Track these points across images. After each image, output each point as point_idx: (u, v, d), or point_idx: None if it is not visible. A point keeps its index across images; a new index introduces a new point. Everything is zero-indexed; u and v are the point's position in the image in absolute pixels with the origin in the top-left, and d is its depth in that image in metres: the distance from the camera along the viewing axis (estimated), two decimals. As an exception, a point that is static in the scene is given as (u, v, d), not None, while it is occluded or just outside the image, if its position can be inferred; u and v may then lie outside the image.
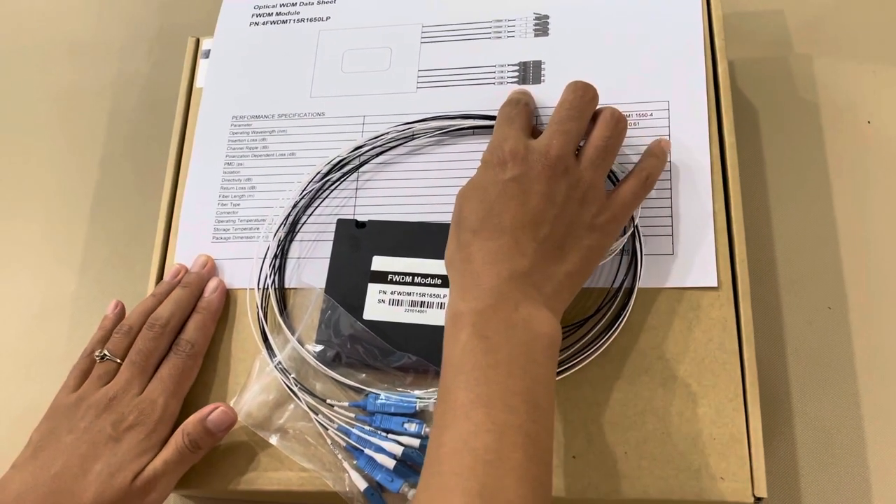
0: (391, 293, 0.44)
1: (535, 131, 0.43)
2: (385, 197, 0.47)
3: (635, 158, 0.45)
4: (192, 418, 0.42)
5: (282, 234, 0.47)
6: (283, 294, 0.46)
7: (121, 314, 0.46)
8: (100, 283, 0.56)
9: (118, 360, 0.43)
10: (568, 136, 0.40)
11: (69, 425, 0.41)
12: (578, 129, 0.41)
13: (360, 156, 0.48)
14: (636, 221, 0.43)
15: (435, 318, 0.43)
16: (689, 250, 0.43)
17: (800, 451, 0.43)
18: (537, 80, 0.48)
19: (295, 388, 0.43)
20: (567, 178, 0.39)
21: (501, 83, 0.49)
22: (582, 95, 0.41)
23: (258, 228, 0.48)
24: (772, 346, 0.46)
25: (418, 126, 0.48)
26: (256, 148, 0.50)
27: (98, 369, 0.43)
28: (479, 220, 0.38)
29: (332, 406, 0.42)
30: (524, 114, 0.43)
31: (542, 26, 0.50)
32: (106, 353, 0.43)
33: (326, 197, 0.48)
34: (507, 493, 0.31)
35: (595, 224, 0.39)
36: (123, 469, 0.40)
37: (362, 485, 0.40)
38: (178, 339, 0.44)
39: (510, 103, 0.44)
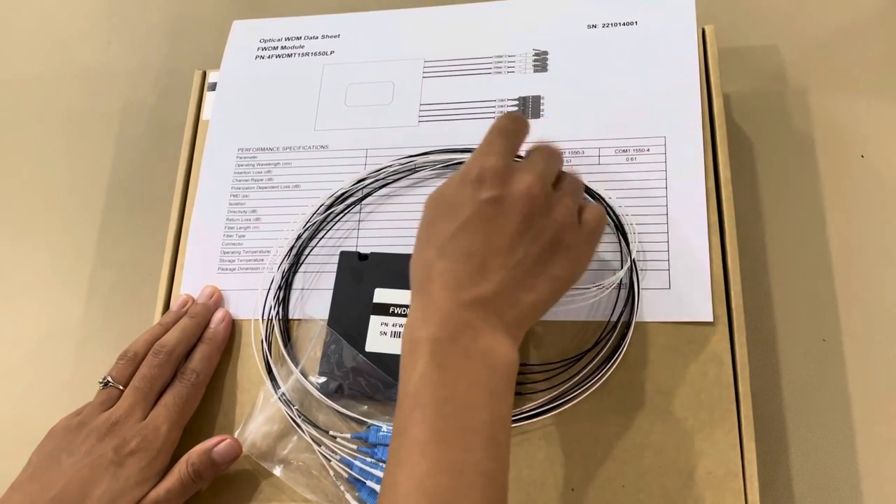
0: (392, 325, 0.45)
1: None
2: (387, 229, 0.48)
3: (634, 193, 0.46)
4: (198, 448, 0.42)
5: (286, 265, 0.48)
6: (287, 325, 0.47)
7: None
8: (106, 310, 0.57)
9: (121, 387, 0.43)
10: (549, 173, 0.38)
11: (70, 448, 0.41)
12: (557, 168, 0.40)
13: (362, 188, 0.49)
14: (633, 256, 0.44)
15: (436, 350, 0.44)
16: (685, 285, 0.43)
17: (795, 486, 0.44)
18: (536, 114, 0.49)
19: (298, 420, 0.43)
20: (544, 210, 0.37)
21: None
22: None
23: (263, 260, 0.49)
24: (767, 378, 0.46)
25: (420, 159, 0.49)
26: (262, 180, 0.51)
27: (100, 395, 0.44)
28: (446, 238, 0.36)
29: (334, 438, 0.43)
30: (518, 135, 0.40)
31: (541, 62, 0.51)
32: (109, 379, 0.44)
33: (330, 229, 0.49)
34: None
35: (568, 255, 0.37)
36: (125, 495, 0.40)
37: (364, 516, 0.41)
38: (184, 368, 0.45)
39: (510, 118, 0.40)
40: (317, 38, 0.55)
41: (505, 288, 0.36)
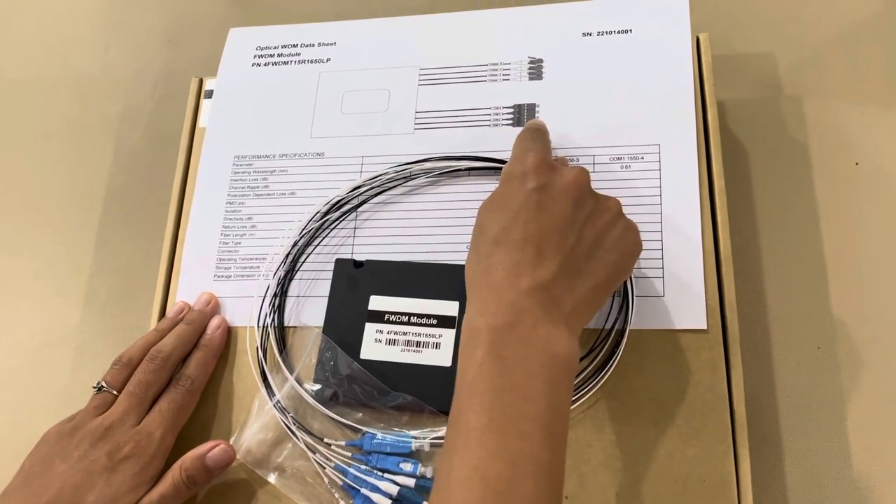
0: (388, 333, 0.45)
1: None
2: (383, 237, 0.48)
3: (628, 201, 0.46)
4: (192, 454, 0.42)
5: (281, 272, 0.48)
6: (282, 333, 0.47)
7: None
8: (102, 317, 0.57)
9: (115, 392, 0.43)
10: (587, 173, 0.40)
11: (63, 453, 0.41)
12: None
13: (358, 195, 0.49)
14: (628, 263, 0.44)
15: (430, 358, 0.44)
16: (678, 292, 0.44)
17: (790, 493, 0.44)
18: (532, 122, 0.49)
19: (293, 427, 0.43)
20: (593, 196, 0.39)
21: (496, 125, 0.50)
22: None
23: (258, 267, 0.49)
24: (761, 386, 0.47)
25: (415, 167, 0.49)
26: (258, 187, 0.51)
27: (94, 400, 0.43)
28: (501, 229, 0.37)
29: (329, 445, 0.43)
30: (545, 137, 0.43)
31: (536, 70, 0.51)
32: (103, 384, 0.44)
33: (325, 236, 0.49)
34: None
35: (623, 239, 0.39)
36: (118, 500, 0.39)
37: (358, 524, 0.41)
38: (179, 374, 0.45)
39: (532, 127, 0.43)
40: (313, 45, 0.55)
41: (562, 273, 0.36)
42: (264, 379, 0.45)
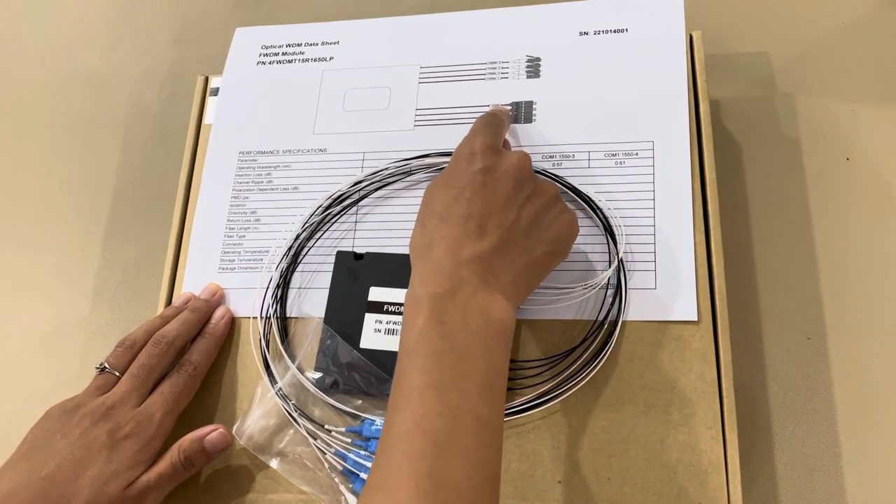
0: (387, 323, 0.46)
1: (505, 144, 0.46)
2: (383, 230, 0.49)
3: (622, 196, 0.47)
4: (190, 436, 0.43)
5: (284, 265, 0.49)
6: (284, 323, 0.48)
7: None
8: (111, 308, 0.59)
9: (117, 374, 0.44)
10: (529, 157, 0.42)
11: (64, 430, 0.41)
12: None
13: (359, 190, 0.51)
14: (621, 255, 0.45)
15: (428, 347, 0.45)
16: (670, 285, 0.45)
17: (779, 479, 0.45)
18: (528, 119, 0.51)
19: (295, 414, 0.45)
20: (533, 179, 0.41)
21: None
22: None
23: (262, 259, 0.50)
24: (753, 375, 0.48)
25: (415, 162, 0.50)
26: (262, 182, 0.53)
27: (96, 380, 0.44)
28: (445, 206, 0.39)
29: (329, 431, 0.44)
30: (500, 123, 0.45)
31: (533, 69, 0.52)
32: (106, 365, 0.45)
33: (327, 230, 0.50)
34: (456, 475, 0.32)
35: (559, 220, 0.41)
36: (117, 478, 0.40)
37: (357, 507, 0.42)
38: (182, 360, 0.46)
39: (490, 113, 0.46)
40: (316, 44, 0.57)
41: (501, 246, 0.38)
42: (267, 367, 0.47)
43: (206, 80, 0.57)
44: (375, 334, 0.46)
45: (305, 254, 0.49)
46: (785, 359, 0.48)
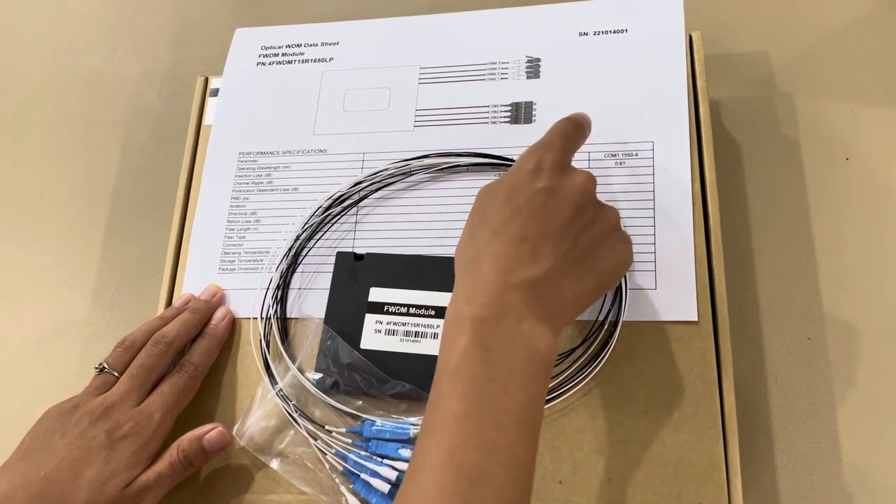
0: (387, 323, 0.46)
1: None
2: (383, 231, 0.49)
3: (622, 196, 0.47)
4: (189, 435, 0.43)
5: (284, 265, 0.49)
6: (284, 324, 0.48)
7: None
8: (111, 309, 0.59)
9: (116, 374, 0.44)
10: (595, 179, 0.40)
11: (63, 430, 0.41)
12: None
13: (359, 191, 0.51)
14: (621, 256, 0.45)
15: (429, 347, 0.45)
16: (670, 285, 0.45)
17: (780, 478, 0.45)
18: (528, 120, 0.51)
19: (295, 415, 0.45)
20: (595, 205, 0.39)
21: (494, 122, 0.51)
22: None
23: (262, 260, 0.50)
24: (753, 376, 0.48)
25: (415, 163, 0.50)
26: (262, 183, 0.53)
27: (95, 380, 0.44)
28: (501, 221, 0.37)
29: (330, 432, 0.44)
30: (578, 137, 0.42)
31: (533, 69, 0.52)
32: (105, 365, 0.45)
33: (327, 230, 0.50)
34: None
35: (615, 251, 0.39)
36: (115, 477, 0.40)
37: (358, 508, 0.42)
38: (182, 360, 0.46)
39: (571, 120, 0.42)
40: (316, 45, 0.57)
41: (553, 274, 0.36)
42: (267, 368, 0.47)
43: (206, 80, 0.57)
44: (376, 335, 0.46)
45: (305, 254, 0.49)
46: (785, 359, 0.48)
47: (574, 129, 0.41)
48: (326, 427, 0.44)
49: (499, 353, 0.34)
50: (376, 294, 0.47)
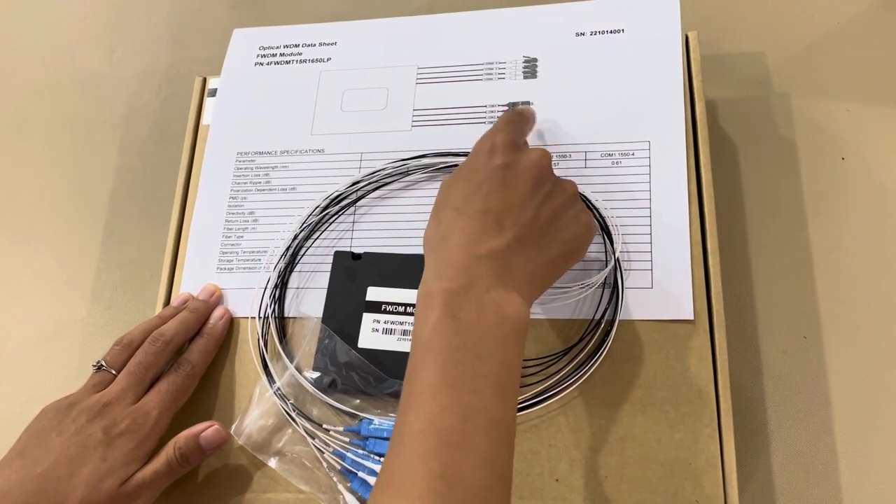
0: (384, 322, 0.46)
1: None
2: (380, 230, 0.50)
3: (618, 196, 0.47)
4: (186, 433, 0.43)
5: (282, 265, 0.49)
6: (282, 323, 0.48)
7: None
8: (109, 309, 0.59)
9: (113, 372, 0.44)
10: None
11: (59, 427, 0.41)
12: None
13: (357, 190, 0.51)
14: (617, 255, 0.45)
15: (426, 346, 0.45)
16: (667, 284, 0.45)
17: (776, 477, 0.45)
18: (525, 119, 0.51)
19: (293, 414, 0.45)
20: (553, 178, 0.41)
21: (492, 122, 0.51)
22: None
23: (260, 260, 0.50)
24: (749, 375, 0.48)
25: (412, 163, 0.51)
26: (259, 182, 0.53)
27: (93, 378, 0.44)
28: (463, 199, 0.39)
29: (327, 431, 0.44)
30: (525, 122, 0.44)
31: (530, 69, 0.52)
32: (102, 363, 0.45)
33: (325, 230, 0.50)
34: (468, 476, 0.31)
35: (577, 220, 0.40)
36: (112, 474, 0.40)
37: (355, 506, 0.42)
38: (180, 359, 0.46)
39: (515, 110, 0.45)
40: (314, 45, 0.57)
41: (517, 243, 0.37)
42: (265, 367, 0.47)
43: (205, 80, 0.58)
44: (373, 334, 0.46)
45: (303, 254, 0.50)
46: (781, 357, 0.48)
47: (517, 116, 0.44)
48: (324, 426, 0.44)
49: (469, 321, 0.35)
50: (374, 293, 0.47)
